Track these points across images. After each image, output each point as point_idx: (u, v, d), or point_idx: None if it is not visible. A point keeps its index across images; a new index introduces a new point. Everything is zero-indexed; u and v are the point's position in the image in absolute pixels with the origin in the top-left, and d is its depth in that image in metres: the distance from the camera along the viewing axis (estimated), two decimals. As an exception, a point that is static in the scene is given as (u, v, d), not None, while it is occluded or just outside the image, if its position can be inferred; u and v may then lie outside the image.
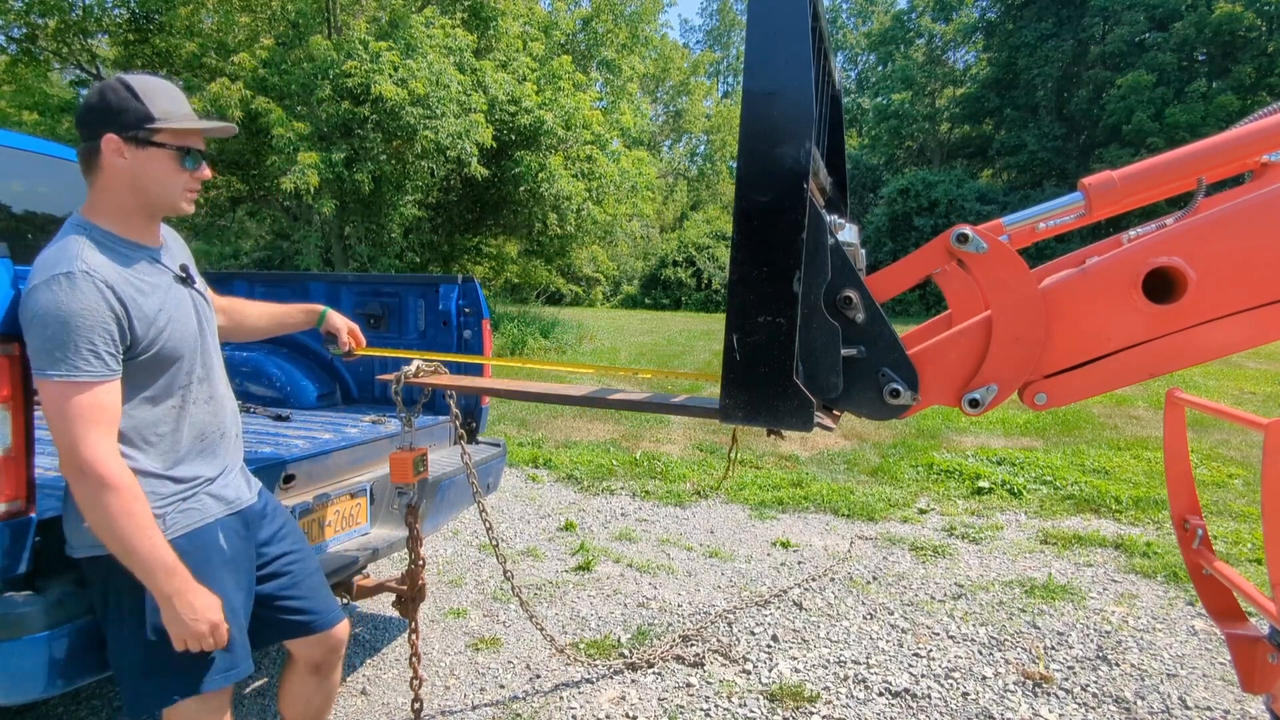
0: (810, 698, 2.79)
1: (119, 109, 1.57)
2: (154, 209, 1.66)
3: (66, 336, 1.45)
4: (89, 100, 1.60)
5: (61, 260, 1.50)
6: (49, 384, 1.46)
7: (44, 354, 1.45)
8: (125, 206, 1.63)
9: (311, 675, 1.97)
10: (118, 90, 1.58)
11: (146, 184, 1.61)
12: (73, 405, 1.45)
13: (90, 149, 1.58)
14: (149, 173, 1.60)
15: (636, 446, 6.79)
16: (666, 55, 35.37)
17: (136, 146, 1.57)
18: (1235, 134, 1.29)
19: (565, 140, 14.65)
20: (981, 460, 6.11)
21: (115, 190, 1.61)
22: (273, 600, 1.85)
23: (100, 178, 1.60)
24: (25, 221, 3.58)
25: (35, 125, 12.78)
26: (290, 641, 1.93)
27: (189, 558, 1.61)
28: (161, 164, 1.60)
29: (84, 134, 1.59)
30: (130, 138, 1.57)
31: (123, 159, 1.58)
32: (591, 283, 31.51)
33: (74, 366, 1.45)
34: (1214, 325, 1.23)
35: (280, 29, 13.45)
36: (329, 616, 1.94)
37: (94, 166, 1.60)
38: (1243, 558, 4.10)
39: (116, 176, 1.59)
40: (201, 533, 1.67)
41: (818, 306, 1.29)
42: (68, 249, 1.52)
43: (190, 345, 1.69)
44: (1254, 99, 25.18)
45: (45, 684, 1.62)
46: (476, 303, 3.20)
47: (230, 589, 1.69)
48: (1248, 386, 9.81)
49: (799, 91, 1.20)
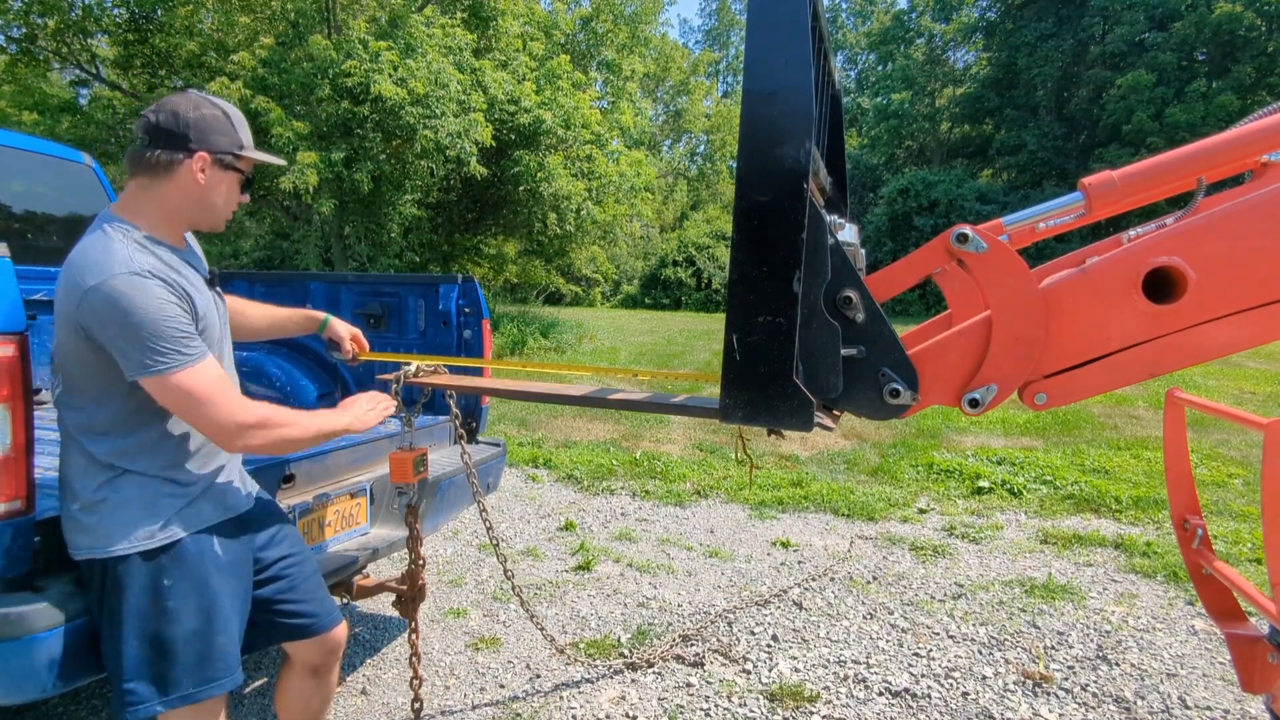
0: (810, 697, 2.79)
1: (217, 131, 1.65)
2: (202, 223, 1.72)
3: (159, 331, 1.50)
4: (180, 113, 1.63)
5: (113, 262, 1.51)
6: (164, 380, 1.51)
7: (145, 353, 1.49)
8: (176, 215, 1.68)
9: (309, 677, 1.98)
10: (216, 115, 1.66)
11: (212, 202, 1.69)
12: (196, 388, 1.53)
13: (171, 159, 1.61)
14: (218, 193, 1.69)
15: (636, 446, 6.79)
16: (667, 55, 35.36)
17: (220, 169, 1.67)
18: (1235, 134, 1.28)
19: (565, 140, 14.64)
20: (981, 460, 6.11)
21: (177, 200, 1.65)
22: (271, 604, 1.85)
23: (166, 186, 1.64)
24: (25, 221, 3.58)
25: (35, 125, 12.78)
26: (288, 644, 1.93)
27: (185, 563, 1.62)
28: (230, 187, 1.71)
29: (165, 142, 1.61)
30: (218, 160, 1.66)
31: (203, 176, 1.64)
32: (591, 283, 31.51)
33: (179, 354, 1.52)
34: (1214, 325, 1.23)
35: (280, 28, 13.46)
36: (327, 619, 1.94)
37: (164, 174, 1.63)
38: (1243, 558, 4.10)
39: (187, 189, 1.65)
40: (199, 539, 1.67)
41: (818, 306, 1.29)
42: (114, 250, 1.53)
43: (215, 348, 1.72)
44: (1254, 99, 25.18)
45: (45, 684, 1.62)
46: (476, 302, 3.20)
47: (225, 596, 1.69)
48: (1248, 386, 9.81)
49: (799, 91, 1.20)
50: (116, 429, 1.60)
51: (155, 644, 1.59)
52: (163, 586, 1.60)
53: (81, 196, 3.76)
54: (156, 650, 1.60)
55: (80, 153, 3.79)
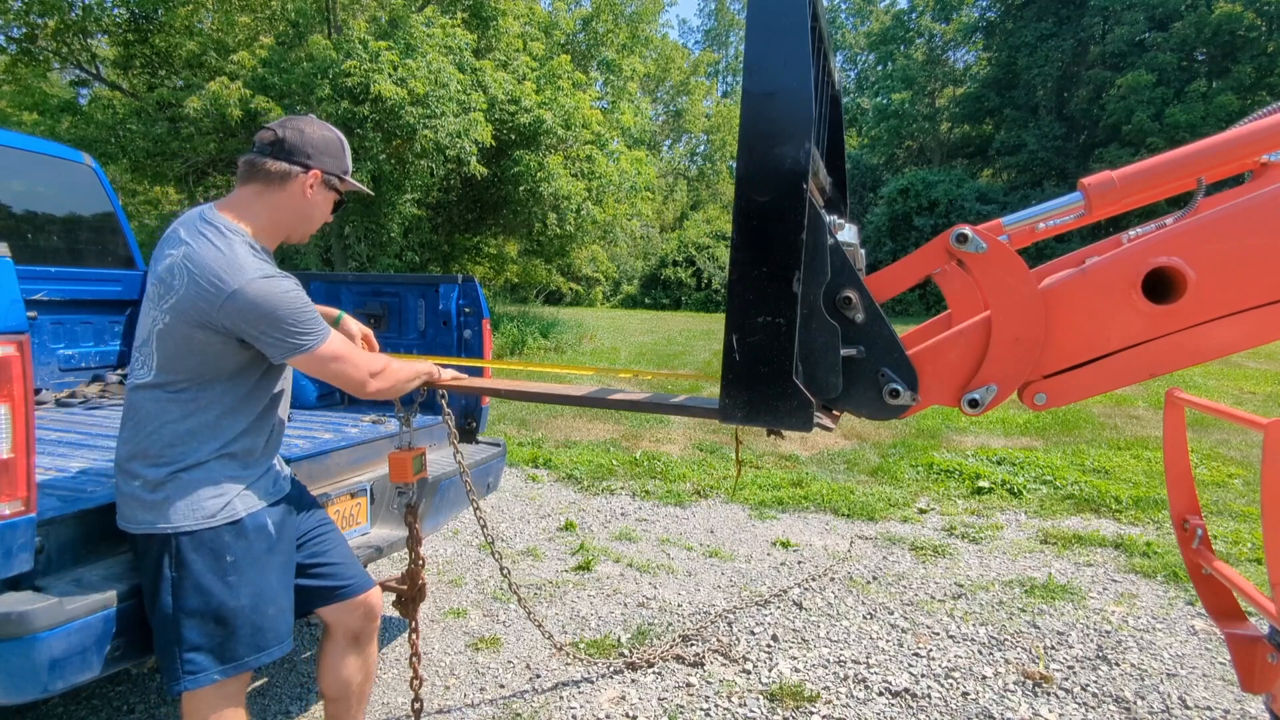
0: (810, 697, 2.79)
1: (332, 154, 1.84)
2: (296, 234, 1.88)
3: (299, 316, 1.69)
4: (306, 132, 1.81)
5: (245, 265, 1.67)
6: (311, 356, 1.72)
7: (293, 337, 1.69)
8: (278, 224, 1.83)
9: (350, 645, 2.05)
10: (334, 138, 1.86)
11: (311, 216, 1.87)
12: (340, 354, 1.77)
13: (287, 171, 1.78)
14: (318, 209, 1.87)
15: (636, 446, 6.79)
16: (667, 55, 35.33)
17: (326, 188, 1.85)
18: (1235, 134, 1.28)
19: (565, 140, 14.64)
20: (981, 460, 6.11)
21: (282, 210, 1.81)
22: (306, 568, 1.96)
23: (278, 196, 1.80)
24: (25, 221, 3.58)
25: (35, 125, 12.78)
26: (326, 610, 2.01)
27: (244, 540, 1.75)
28: (328, 206, 1.89)
29: (285, 155, 1.78)
30: (327, 180, 1.84)
31: (310, 192, 1.82)
32: (591, 282, 31.50)
33: (315, 333, 1.72)
34: (1214, 325, 1.23)
35: (280, 28, 13.47)
36: (362, 581, 2.06)
37: (278, 185, 1.79)
38: (1243, 558, 4.11)
39: (295, 203, 1.82)
40: (255, 516, 1.79)
41: (817, 306, 1.29)
42: (238, 254, 1.68)
43: None
44: (1254, 99, 25.18)
45: (45, 684, 1.62)
46: (476, 302, 3.20)
47: (277, 570, 1.82)
48: (1248, 386, 9.81)
49: (799, 92, 1.20)
50: (202, 412, 1.72)
51: (217, 617, 1.71)
52: (226, 562, 1.72)
53: (81, 196, 3.76)
54: (218, 622, 1.71)
55: (80, 153, 3.79)
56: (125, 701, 2.71)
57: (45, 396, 3.34)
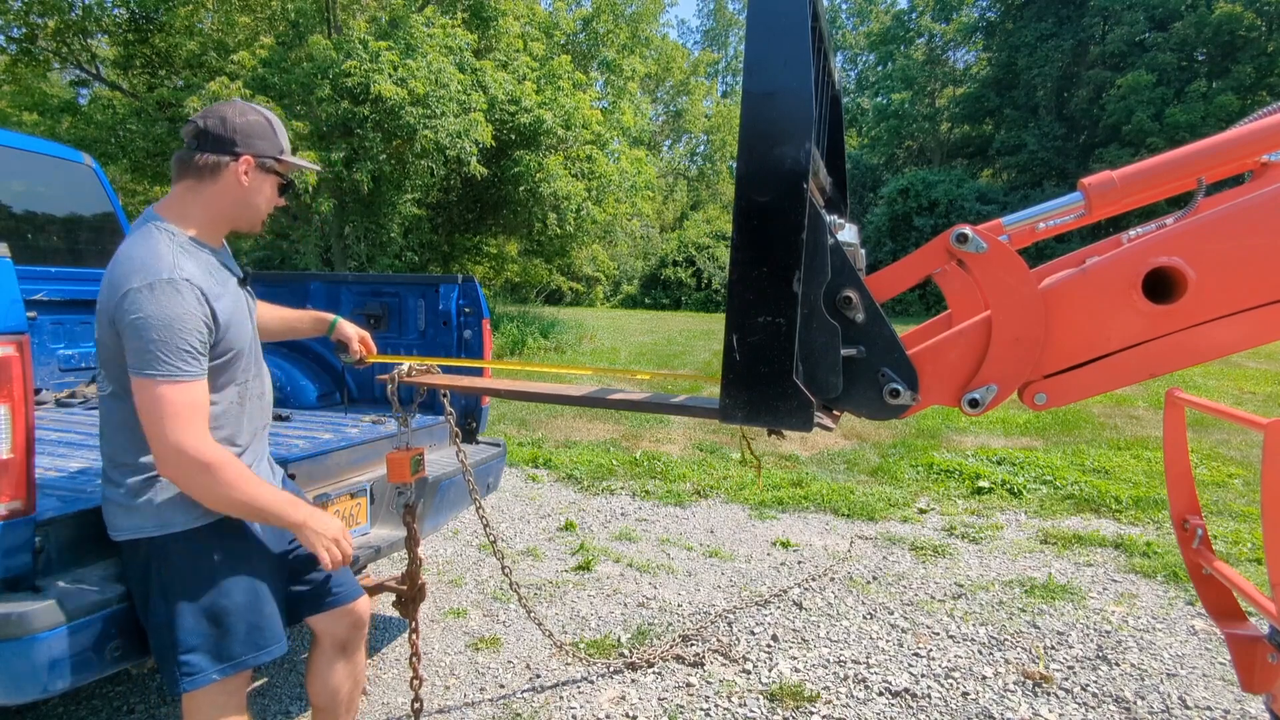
0: (810, 697, 2.79)
1: (261, 135, 1.74)
2: (242, 224, 1.80)
3: (169, 340, 1.55)
4: (227, 118, 1.71)
5: (158, 265, 1.58)
6: (149, 383, 1.55)
7: (146, 356, 1.54)
8: (219, 217, 1.75)
9: (338, 654, 2.03)
10: (259, 117, 1.76)
11: (254, 203, 1.77)
12: (174, 403, 1.56)
13: (217, 162, 1.69)
14: (260, 195, 1.78)
15: (636, 446, 6.79)
16: (668, 55, 35.33)
17: (263, 172, 1.76)
18: (1235, 134, 1.28)
19: (565, 140, 14.64)
20: (981, 460, 6.11)
21: (220, 202, 1.73)
22: (297, 575, 1.94)
23: (211, 188, 1.72)
24: (25, 221, 3.58)
25: (35, 125, 12.79)
26: (314, 619, 2.00)
27: (230, 539, 1.72)
28: (271, 190, 1.80)
29: (212, 146, 1.69)
30: (261, 163, 1.74)
31: (245, 179, 1.72)
32: (591, 282, 31.50)
33: (175, 368, 1.56)
34: (1214, 325, 1.23)
35: (280, 28, 13.46)
36: (350, 591, 2.03)
37: (210, 176, 1.70)
38: (1243, 558, 4.10)
39: (229, 191, 1.73)
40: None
41: (818, 306, 1.29)
42: (160, 254, 1.60)
43: (248, 344, 1.81)
44: (1254, 99, 25.17)
45: (45, 684, 1.62)
46: (476, 302, 3.20)
47: (265, 571, 1.80)
48: (1248, 386, 9.81)
49: (799, 92, 1.20)
50: None
51: (211, 617, 1.69)
52: (213, 562, 1.70)
53: (81, 196, 3.76)
54: (212, 622, 1.69)
55: (80, 153, 3.80)
56: (125, 701, 2.71)
57: (45, 396, 3.34)
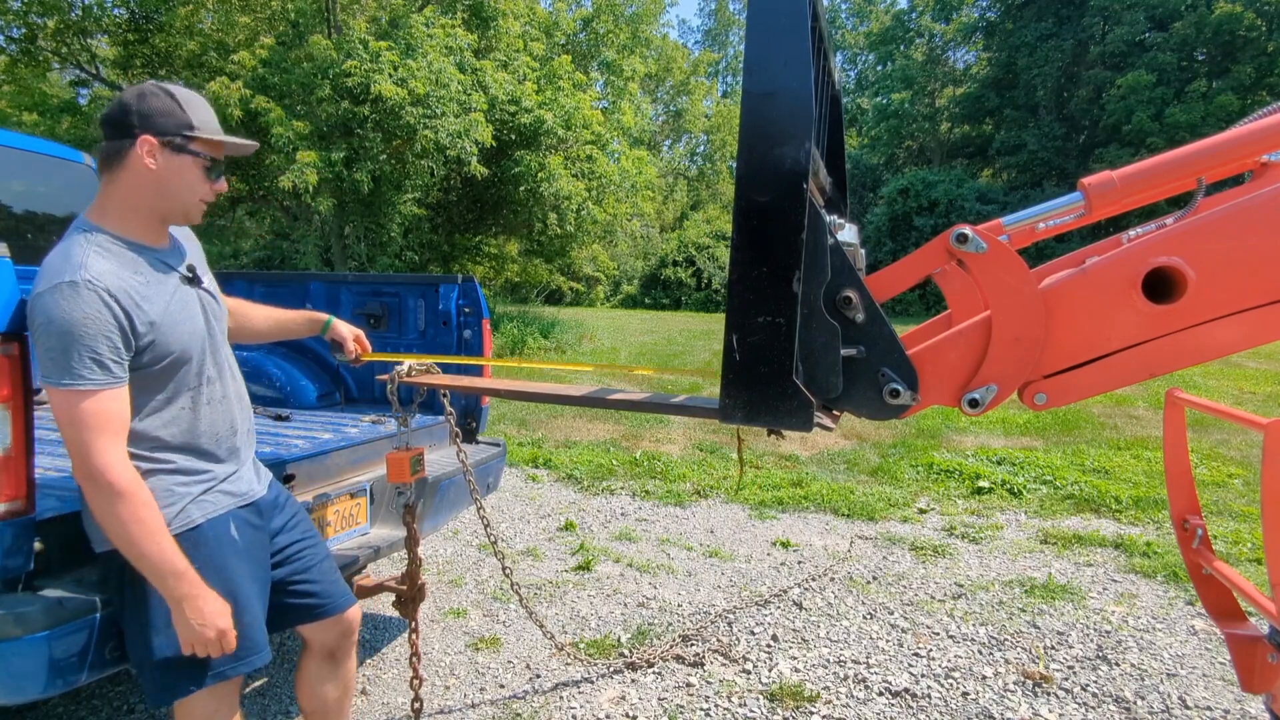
0: (810, 697, 2.79)
1: (161, 113, 1.59)
2: (169, 214, 1.67)
3: (70, 346, 1.45)
4: (125, 101, 1.60)
5: (65, 268, 1.50)
6: (57, 392, 1.47)
7: (50, 363, 1.46)
8: (140, 208, 1.63)
9: (326, 662, 2.01)
10: (159, 95, 1.60)
11: (172, 189, 1.62)
12: (80, 413, 1.46)
13: (119, 148, 1.58)
14: (178, 178, 1.62)
15: (636, 446, 6.78)
16: (668, 55, 35.32)
17: (172, 152, 1.60)
18: (1235, 134, 1.28)
19: (565, 140, 14.64)
20: (981, 460, 6.11)
21: (135, 191, 1.61)
22: (285, 585, 1.90)
23: (123, 176, 1.60)
24: (25, 221, 3.58)
25: (35, 125, 12.79)
26: (304, 627, 1.97)
27: (204, 548, 1.64)
28: (191, 172, 1.63)
29: (113, 132, 1.59)
30: (167, 142, 1.59)
31: (153, 162, 1.58)
32: (592, 282, 31.50)
33: (79, 376, 1.46)
34: (1214, 325, 1.23)
35: (280, 29, 13.46)
36: (340, 600, 1.99)
37: (118, 165, 1.60)
38: (1243, 558, 4.10)
39: (141, 178, 1.60)
40: (215, 523, 1.70)
41: (817, 306, 1.29)
42: (72, 255, 1.52)
43: (199, 346, 1.71)
44: (1254, 99, 25.16)
45: (45, 684, 1.62)
46: (476, 302, 3.20)
47: (244, 579, 1.72)
48: (1248, 386, 9.81)
49: (799, 91, 1.20)
50: None
51: None
52: None
53: (82, 196, 3.76)
54: None
55: (80, 153, 3.79)
56: (125, 701, 2.71)
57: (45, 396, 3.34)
